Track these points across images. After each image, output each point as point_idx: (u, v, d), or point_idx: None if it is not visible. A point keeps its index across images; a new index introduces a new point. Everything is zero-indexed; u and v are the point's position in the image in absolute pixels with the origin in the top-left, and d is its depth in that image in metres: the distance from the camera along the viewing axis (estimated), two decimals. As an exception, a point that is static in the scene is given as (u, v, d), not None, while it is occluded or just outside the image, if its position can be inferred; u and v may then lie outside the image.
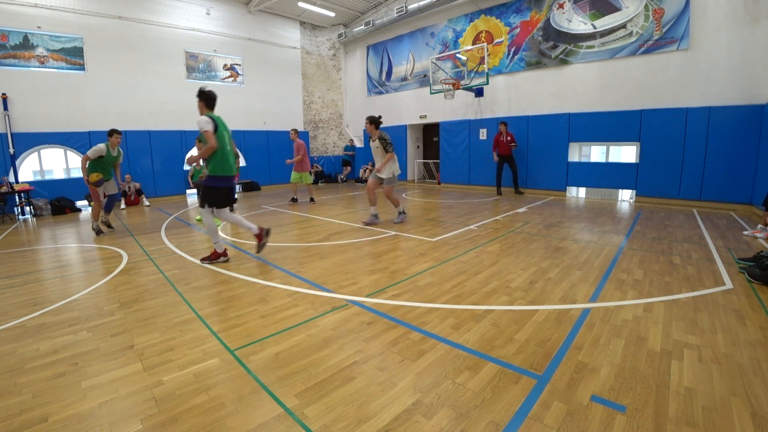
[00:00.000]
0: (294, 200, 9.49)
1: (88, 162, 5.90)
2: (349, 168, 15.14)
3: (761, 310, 2.87)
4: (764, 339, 2.43)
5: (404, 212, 6.61)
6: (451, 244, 4.98)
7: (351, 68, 15.61)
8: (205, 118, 4.03)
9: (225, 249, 4.44)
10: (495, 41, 10.72)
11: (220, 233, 6.02)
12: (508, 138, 9.65)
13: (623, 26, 8.44)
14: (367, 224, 6.29)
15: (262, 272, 4.00)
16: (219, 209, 4.32)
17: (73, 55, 9.59)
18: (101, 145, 5.93)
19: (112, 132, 6.12)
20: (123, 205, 9.65)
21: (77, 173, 10.59)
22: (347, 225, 6.37)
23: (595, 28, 8.85)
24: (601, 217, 6.77)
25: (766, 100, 6.77)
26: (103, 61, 10.01)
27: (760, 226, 5.31)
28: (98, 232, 6.15)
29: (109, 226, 6.58)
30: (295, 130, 9.37)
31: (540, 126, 9.80)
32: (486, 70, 10.31)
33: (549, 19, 9.57)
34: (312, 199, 9.55)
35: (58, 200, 9.04)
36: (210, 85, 12.04)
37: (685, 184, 7.89)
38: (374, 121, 6.05)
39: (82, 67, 9.73)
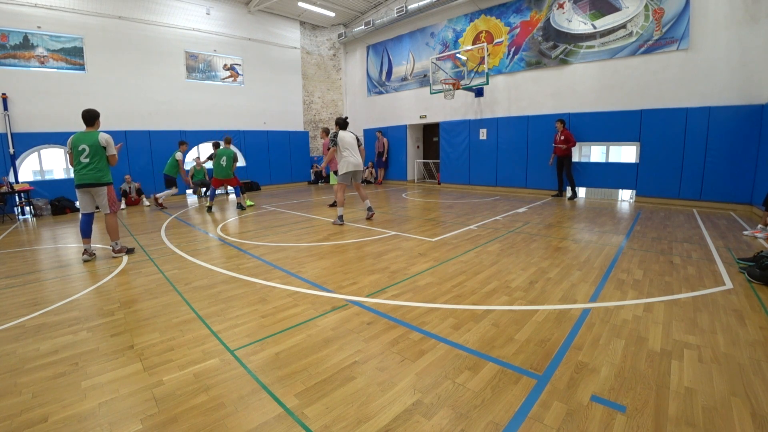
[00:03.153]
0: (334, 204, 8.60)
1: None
2: (349, 168, 15.11)
3: (761, 310, 2.87)
4: (764, 339, 2.43)
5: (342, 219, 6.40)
6: (451, 244, 4.98)
7: (351, 68, 15.61)
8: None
9: None
10: (495, 41, 10.72)
11: (220, 232, 6.02)
12: (561, 138, 8.81)
13: (623, 26, 8.44)
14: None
15: (262, 272, 4.00)
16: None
17: (73, 55, 9.59)
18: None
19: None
20: (123, 205, 9.65)
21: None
22: (347, 225, 6.37)
23: (595, 28, 8.85)
24: (601, 217, 6.77)
25: (766, 100, 6.77)
26: (103, 61, 10.01)
27: (760, 226, 5.31)
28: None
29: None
30: (324, 130, 8.51)
31: (540, 126, 9.79)
32: (486, 70, 10.31)
33: (549, 19, 9.57)
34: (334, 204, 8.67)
35: (58, 200, 9.04)
36: (210, 85, 12.18)
37: (685, 184, 7.89)
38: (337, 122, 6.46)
39: (82, 67, 9.73)
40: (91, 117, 4.67)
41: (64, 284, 3.85)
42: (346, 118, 6.47)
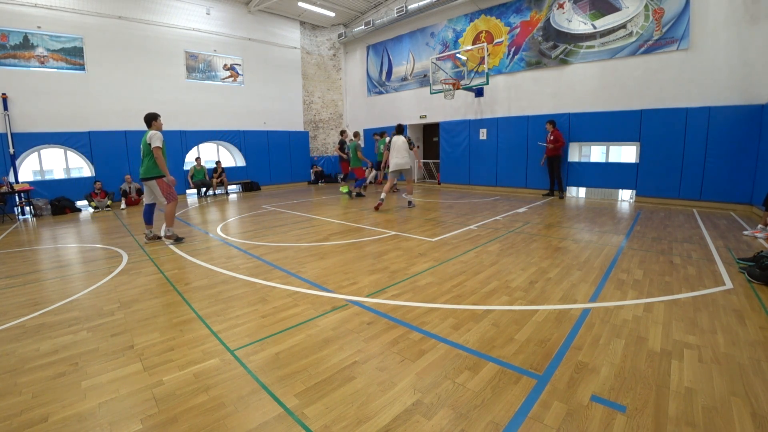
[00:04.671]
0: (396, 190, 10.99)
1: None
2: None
3: (761, 310, 2.86)
4: (764, 339, 2.43)
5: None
6: (451, 244, 4.98)
7: (351, 68, 15.60)
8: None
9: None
10: (495, 41, 10.72)
11: (220, 232, 6.02)
12: (551, 138, 9.02)
13: (623, 26, 8.44)
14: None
15: (262, 272, 4.00)
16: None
17: (73, 55, 9.59)
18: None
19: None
20: (123, 205, 9.66)
21: (77, 173, 10.60)
22: (347, 225, 6.37)
23: (595, 28, 8.85)
24: (601, 217, 6.77)
25: (766, 100, 6.77)
26: (103, 61, 10.01)
27: (760, 226, 5.31)
28: (177, 238, 5.45)
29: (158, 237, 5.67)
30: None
31: (540, 126, 9.79)
32: (486, 70, 10.31)
33: (549, 19, 9.57)
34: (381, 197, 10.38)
35: (58, 200, 9.04)
36: (210, 85, 12.18)
37: (685, 184, 7.89)
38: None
39: (82, 67, 9.73)
40: (147, 120, 5.23)
41: (64, 284, 3.85)
42: (400, 124, 8.13)
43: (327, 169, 15.31)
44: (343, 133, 10.89)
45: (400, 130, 8.05)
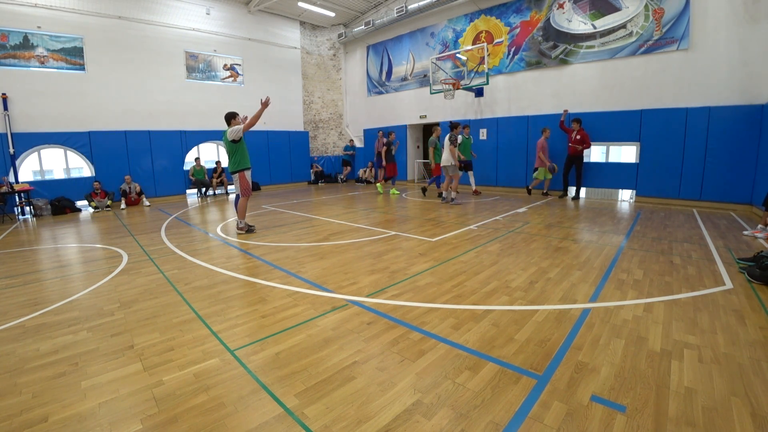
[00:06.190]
0: (545, 194, 9.98)
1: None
2: (349, 168, 15.14)
3: (761, 310, 2.86)
4: (764, 339, 2.43)
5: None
6: (451, 244, 4.98)
7: (351, 68, 15.60)
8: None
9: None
10: (495, 41, 10.72)
11: (219, 232, 6.02)
12: (578, 137, 8.58)
13: (623, 26, 8.44)
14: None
15: (262, 272, 4.00)
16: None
17: (73, 55, 9.59)
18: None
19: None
20: (123, 205, 9.66)
21: (77, 173, 10.60)
22: (347, 225, 6.37)
23: (595, 28, 8.85)
24: (601, 217, 6.77)
25: (766, 100, 6.77)
26: (103, 61, 10.01)
27: (760, 226, 5.31)
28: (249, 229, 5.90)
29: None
30: (546, 128, 9.57)
31: (540, 126, 9.78)
32: (486, 70, 10.31)
33: (549, 19, 9.57)
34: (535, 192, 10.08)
35: (58, 200, 9.04)
36: (210, 85, 12.17)
37: (685, 184, 7.89)
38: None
39: (82, 67, 9.73)
40: (227, 118, 5.54)
41: (64, 284, 3.85)
42: (452, 121, 8.28)
43: (327, 169, 15.32)
44: (389, 134, 11.04)
45: (449, 127, 8.26)
